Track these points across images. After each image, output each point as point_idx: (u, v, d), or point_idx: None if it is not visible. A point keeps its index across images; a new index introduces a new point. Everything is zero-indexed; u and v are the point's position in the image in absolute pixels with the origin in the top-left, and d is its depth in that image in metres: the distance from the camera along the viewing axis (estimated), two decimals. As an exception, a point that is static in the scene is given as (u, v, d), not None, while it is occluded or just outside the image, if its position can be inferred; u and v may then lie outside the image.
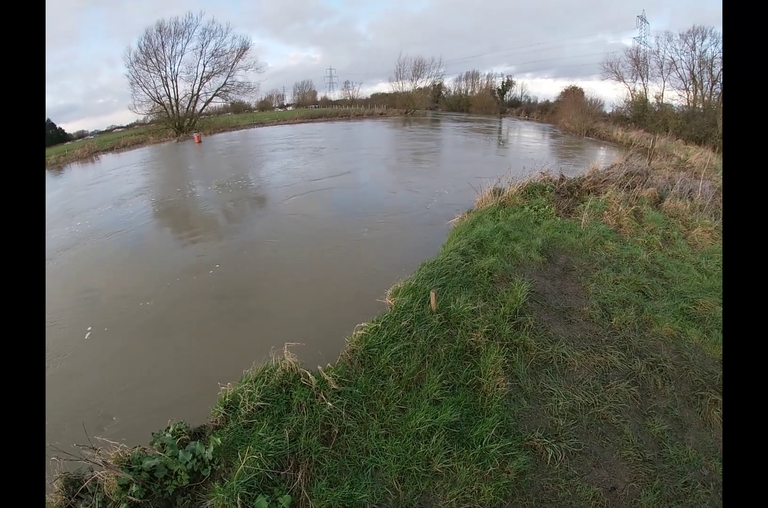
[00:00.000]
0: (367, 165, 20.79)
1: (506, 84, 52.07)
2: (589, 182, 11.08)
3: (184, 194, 17.18)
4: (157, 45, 37.63)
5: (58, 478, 3.97)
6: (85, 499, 3.82)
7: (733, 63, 1.05)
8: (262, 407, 4.47)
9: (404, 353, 5.03)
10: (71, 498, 3.88)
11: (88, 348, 7.08)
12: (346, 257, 9.87)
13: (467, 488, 3.68)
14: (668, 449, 4.20)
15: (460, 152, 24.23)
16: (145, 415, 5.51)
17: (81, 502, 3.79)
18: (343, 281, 8.63)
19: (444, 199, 13.88)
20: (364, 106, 51.86)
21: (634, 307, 6.24)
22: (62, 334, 7.49)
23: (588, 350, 5.39)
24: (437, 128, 37.65)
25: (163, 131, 37.95)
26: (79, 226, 13.89)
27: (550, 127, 38.41)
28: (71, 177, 26.08)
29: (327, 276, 8.88)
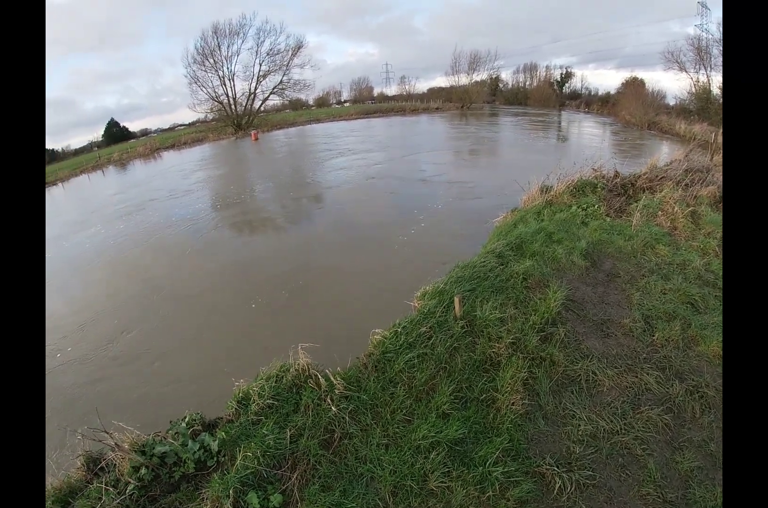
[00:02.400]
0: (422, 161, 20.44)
1: (565, 76, 49.39)
2: (645, 179, 10.15)
3: (241, 191, 17.78)
4: (214, 46, 39.12)
5: (81, 455, 4.29)
6: (102, 476, 4.09)
7: (733, 63, 0.97)
8: (271, 405, 4.50)
9: (419, 360, 4.85)
10: (90, 474, 4.19)
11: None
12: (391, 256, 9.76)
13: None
14: (695, 490, 3.72)
15: (519, 151, 23.20)
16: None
17: (97, 479, 4.07)
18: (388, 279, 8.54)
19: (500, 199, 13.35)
20: (420, 100, 51.22)
21: (681, 321, 5.63)
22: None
23: (622, 369, 4.92)
24: (494, 123, 36.37)
25: (222, 129, 39.57)
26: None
27: (610, 120, 36.04)
28: (134, 173, 28.02)
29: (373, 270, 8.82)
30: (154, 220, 14.56)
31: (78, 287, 10.07)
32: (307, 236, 11.69)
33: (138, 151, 34.90)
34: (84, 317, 8.42)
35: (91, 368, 6.83)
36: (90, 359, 7.07)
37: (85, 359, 7.07)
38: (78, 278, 10.68)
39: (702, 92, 31.89)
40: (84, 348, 7.42)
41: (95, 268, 11.13)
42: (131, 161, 32.74)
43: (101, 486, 3.81)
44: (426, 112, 45.91)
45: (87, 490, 3.91)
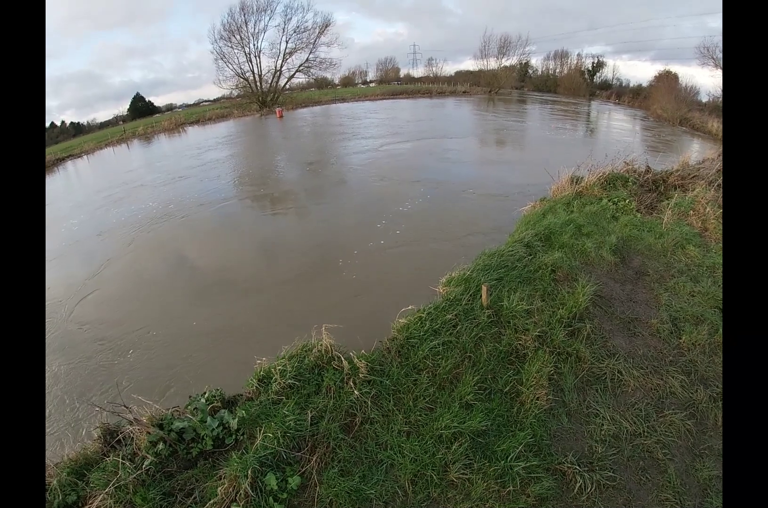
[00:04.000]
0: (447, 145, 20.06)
1: (597, 65, 47.58)
2: (676, 177, 9.85)
3: (268, 168, 17.68)
4: (240, 23, 38.38)
5: (98, 427, 4.31)
6: (119, 449, 4.09)
7: (733, 63, 0.93)
8: (293, 385, 4.48)
9: (444, 348, 4.80)
10: (107, 447, 4.19)
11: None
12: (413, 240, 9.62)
13: (480, 504, 3.46)
14: (713, 499, 3.67)
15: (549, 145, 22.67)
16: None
17: (114, 452, 4.07)
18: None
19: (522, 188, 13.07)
20: (448, 83, 50.05)
21: (708, 325, 5.48)
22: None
23: (647, 370, 4.83)
24: (523, 111, 35.40)
25: (247, 106, 39.27)
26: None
27: (641, 113, 34.88)
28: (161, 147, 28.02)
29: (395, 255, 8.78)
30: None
31: (112, 263, 10.12)
32: (334, 214, 11.58)
33: (163, 126, 34.86)
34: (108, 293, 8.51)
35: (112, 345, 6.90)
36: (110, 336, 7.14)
37: (106, 338, 7.12)
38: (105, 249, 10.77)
39: (736, 90, 30.73)
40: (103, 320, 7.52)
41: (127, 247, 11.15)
42: (156, 135, 32.73)
43: (117, 460, 3.81)
44: (453, 96, 44.85)
45: (103, 463, 3.92)
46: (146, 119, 39.28)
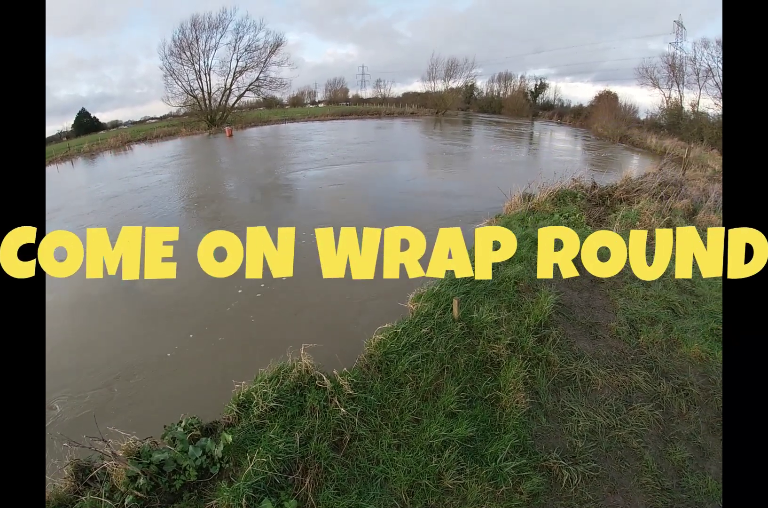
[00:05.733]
0: (398, 165, 20.62)
1: (539, 86, 50.74)
2: (621, 191, 10.70)
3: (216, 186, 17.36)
4: (192, 39, 37.94)
5: (69, 464, 4.02)
6: (94, 486, 3.85)
7: (734, 64, 1.00)
8: (275, 407, 4.42)
9: (423, 361, 4.92)
10: (80, 485, 3.92)
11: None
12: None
13: (477, 506, 3.58)
14: (688, 478, 4.04)
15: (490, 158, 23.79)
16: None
17: (89, 489, 3.82)
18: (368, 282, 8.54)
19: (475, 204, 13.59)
20: (396, 105, 51.49)
21: (663, 325, 5.97)
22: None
23: (613, 369, 5.18)
24: (468, 132, 37.07)
25: (196, 124, 38.54)
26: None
27: (582, 132, 37.48)
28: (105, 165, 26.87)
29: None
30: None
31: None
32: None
33: (109, 143, 33.36)
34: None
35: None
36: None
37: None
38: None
39: (674, 108, 33.53)
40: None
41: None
42: (101, 153, 31.31)
43: (96, 498, 3.60)
44: (401, 117, 46.23)
45: (78, 502, 3.68)
46: (91, 136, 37.41)
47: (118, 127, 43.83)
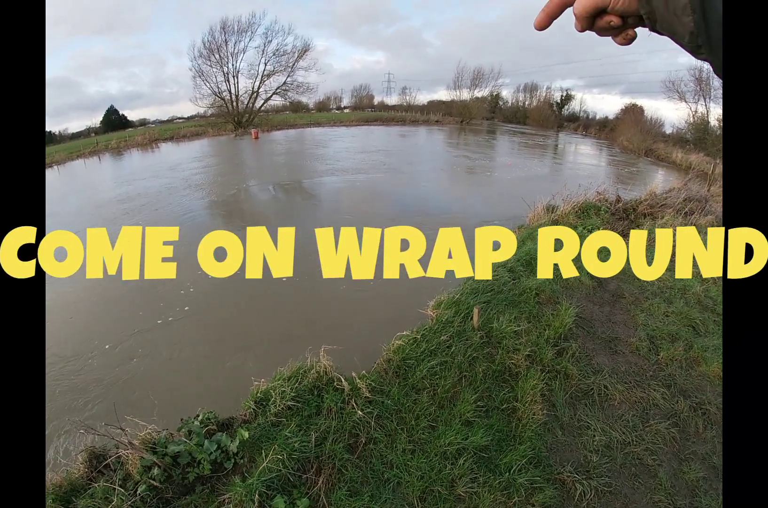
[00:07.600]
0: (414, 169, 20.74)
1: (565, 98, 50.43)
2: (645, 205, 10.56)
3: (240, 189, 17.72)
4: (221, 42, 39.02)
5: (83, 451, 4.08)
6: (107, 474, 3.91)
7: (733, 66, 1.00)
8: (292, 406, 4.48)
9: (441, 368, 4.94)
10: (93, 472, 3.98)
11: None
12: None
13: (490, 516, 3.57)
14: (701, 498, 3.97)
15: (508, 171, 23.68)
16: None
17: (102, 476, 3.88)
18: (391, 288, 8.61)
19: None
20: (421, 112, 51.75)
21: (683, 342, 5.91)
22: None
23: (631, 384, 5.13)
24: (492, 141, 36.91)
25: (222, 125, 39.39)
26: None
27: (607, 144, 36.99)
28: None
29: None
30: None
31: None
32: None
33: (136, 141, 34.36)
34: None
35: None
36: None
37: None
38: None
39: (700, 123, 32.93)
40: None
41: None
42: (129, 150, 32.20)
43: (109, 486, 3.64)
44: (425, 124, 46.40)
45: (91, 489, 3.73)
46: (119, 133, 38.51)
47: (146, 126, 44.97)
